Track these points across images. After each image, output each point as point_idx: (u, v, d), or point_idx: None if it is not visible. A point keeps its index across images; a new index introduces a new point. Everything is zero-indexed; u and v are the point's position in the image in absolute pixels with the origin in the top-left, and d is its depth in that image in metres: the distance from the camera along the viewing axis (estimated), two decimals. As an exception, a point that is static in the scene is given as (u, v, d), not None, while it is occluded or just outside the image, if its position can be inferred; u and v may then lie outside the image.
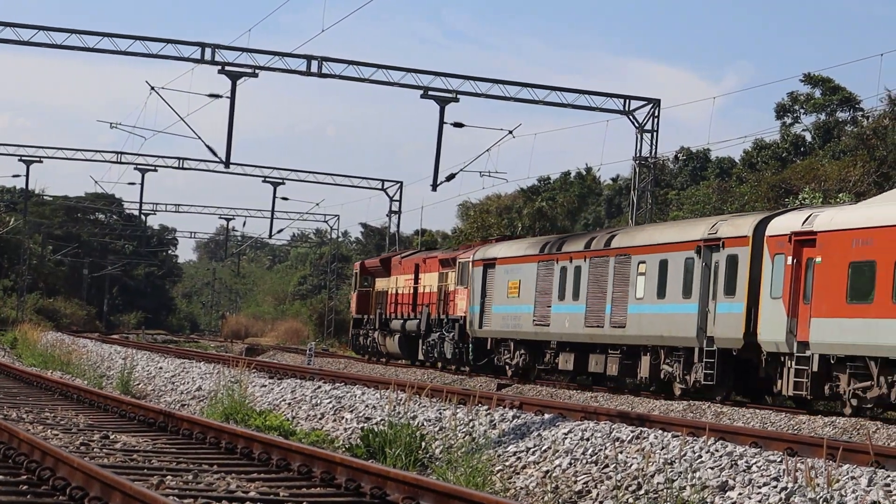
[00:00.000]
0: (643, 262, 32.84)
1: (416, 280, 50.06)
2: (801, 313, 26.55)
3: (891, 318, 24.00)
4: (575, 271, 36.17)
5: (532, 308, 38.28)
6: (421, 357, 48.88)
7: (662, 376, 31.88)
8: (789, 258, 26.97)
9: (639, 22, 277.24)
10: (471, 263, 43.25)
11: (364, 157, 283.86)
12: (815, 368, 25.92)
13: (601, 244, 35.21)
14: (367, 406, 21.93)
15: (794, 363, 26.50)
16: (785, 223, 27.74)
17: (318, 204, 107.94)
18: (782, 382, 27.17)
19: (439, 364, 46.99)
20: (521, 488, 15.33)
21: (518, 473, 15.94)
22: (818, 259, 26.23)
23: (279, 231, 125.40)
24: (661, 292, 31.87)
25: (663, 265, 31.95)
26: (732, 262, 29.26)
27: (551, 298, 37.24)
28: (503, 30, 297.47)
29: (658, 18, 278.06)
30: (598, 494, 14.44)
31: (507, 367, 40.12)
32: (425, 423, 19.18)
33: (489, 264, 41.89)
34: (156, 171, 73.28)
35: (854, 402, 25.22)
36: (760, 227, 28.64)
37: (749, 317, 28.37)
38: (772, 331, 27.41)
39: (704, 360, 29.58)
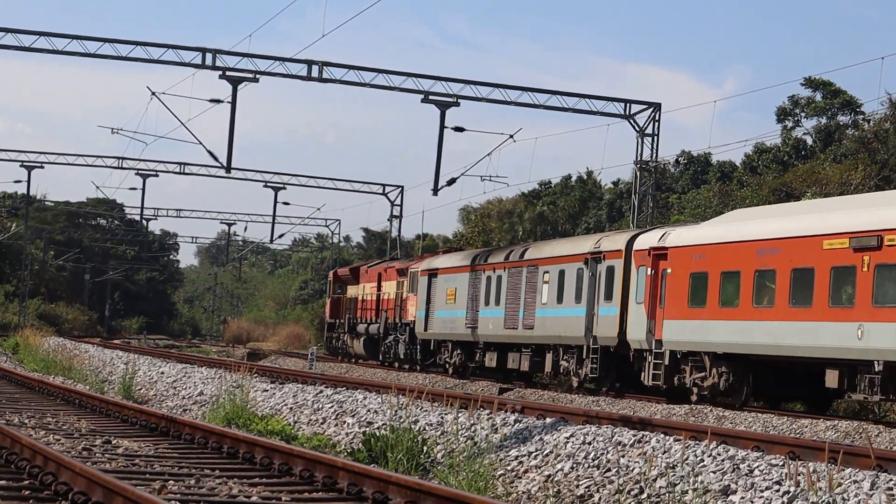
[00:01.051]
0: (547, 272, 37.94)
1: (379, 288, 55.54)
2: (658, 316, 31.75)
3: (718, 320, 29.31)
4: (497, 280, 41.23)
5: (465, 313, 43.37)
6: (381, 357, 53.76)
7: (561, 371, 36.78)
8: (649, 269, 32.22)
9: (639, 26, 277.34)
10: (419, 273, 48.30)
11: (365, 161, 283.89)
12: (667, 362, 31.16)
13: (517, 256, 40.35)
14: (368, 410, 21.93)
15: (652, 358, 31.61)
16: (647, 239, 32.93)
17: (319, 209, 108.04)
18: (645, 374, 32.07)
19: (396, 364, 51.56)
20: (524, 492, 15.33)
21: (520, 478, 15.94)
22: (669, 270, 31.48)
23: (280, 236, 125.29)
24: (560, 298, 36.92)
25: (561, 275, 36.98)
26: (610, 272, 34.40)
27: (479, 304, 42.38)
28: (501, 34, 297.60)
29: (658, 22, 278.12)
30: (600, 499, 14.44)
31: (448, 365, 44.99)
32: (427, 428, 19.18)
33: (433, 274, 46.99)
34: (157, 176, 73.22)
35: (695, 390, 30.30)
36: (630, 243, 33.74)
37: (622, 319, 33.61)
38: (636, 331, 32.71)
39: (591, 356, 34.74)
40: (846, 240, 25.99)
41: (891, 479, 13.58)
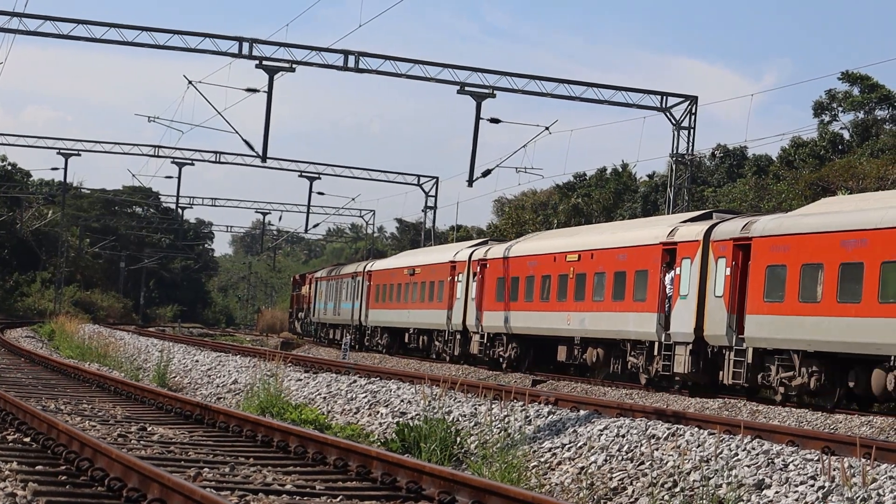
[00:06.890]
0: (344, 282, 65.21)
1: (309, 289, 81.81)
2: (368, 307, 59.06)
3: (380, 309, 57.36)
4: (332, 285, 69.13)
5: (323, 305, 71.80)
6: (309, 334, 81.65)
7: (349, 341, 56.13)
8: (368, 282, 59.29)
9: (677, 19, 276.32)
10: (314, 279, 77.07)
11: (401, 152, 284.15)
12: (369, 331, 58.79)
13: (338, 273, 68.83)
14: (402, 401, 21.96)
15: (366, 330, 59.91)
16: (369, 265, 60.82)
17: (353, 199, 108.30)
18: (367, 340, 59.66)
19: (312, 338, 77.28)
20: (557, 484, 15.32)
21: (553, 469, 15.94)
22: (372, 283, 58.42)
23: (315, 226, 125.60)
24: (348, 298, 63.90)
25: (348, 284, 64.07)
26: (361, 283, 60.96)
27: (328, 300, 70.20)
28: (541, 26, 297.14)
29: (697, 15, 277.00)
30: (633, 491, 14.43)
31: (325, 338, 71.71)
32: (460, 419, 19.20)
33: (317, 281, 75.60)
34: (193, 164, 73.54)
35: (378, 347, 58.07)
36: (367, 266, 60.73)
37: (360, 310, 60.68)
38: (363, 317, 59.98)
39: (355, 331, 61.42)
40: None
41: (926, 476, 13.50)
